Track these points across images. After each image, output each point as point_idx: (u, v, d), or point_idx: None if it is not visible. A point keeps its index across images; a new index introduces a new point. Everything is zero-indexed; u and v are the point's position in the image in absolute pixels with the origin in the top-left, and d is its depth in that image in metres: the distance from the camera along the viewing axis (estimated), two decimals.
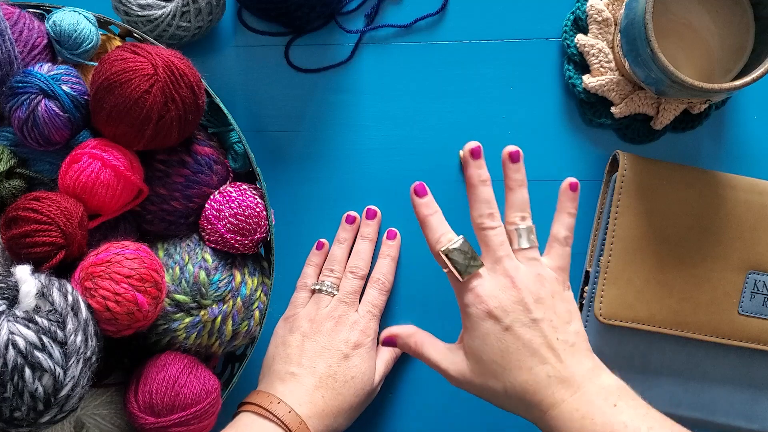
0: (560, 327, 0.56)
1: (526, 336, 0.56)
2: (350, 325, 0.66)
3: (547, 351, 0.55)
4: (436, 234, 0.59)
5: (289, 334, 0.67)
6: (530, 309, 0.56)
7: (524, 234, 0.59)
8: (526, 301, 0.56)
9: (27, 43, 0.58)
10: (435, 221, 0.60)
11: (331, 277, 0.69)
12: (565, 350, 0.56)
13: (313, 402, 0.62)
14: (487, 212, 0.59)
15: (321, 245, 0.72)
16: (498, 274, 0.57)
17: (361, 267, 0.70)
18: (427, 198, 0.60)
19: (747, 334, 0.67)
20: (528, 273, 0.58)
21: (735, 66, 0.65)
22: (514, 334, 0.56)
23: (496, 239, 0.58)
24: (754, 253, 0.67)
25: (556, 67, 0.72)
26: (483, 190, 0.59)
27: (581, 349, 0.57)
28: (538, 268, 0.58)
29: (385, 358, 0.69)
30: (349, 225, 0.71)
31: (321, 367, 0.64)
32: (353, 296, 0.68)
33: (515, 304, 0.56)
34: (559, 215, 0.61)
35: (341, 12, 0.73)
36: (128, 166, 0.56)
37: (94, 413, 0.59)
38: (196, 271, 0.59)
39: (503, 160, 0.60)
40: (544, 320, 0.56)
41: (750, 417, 0.69)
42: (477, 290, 0.57)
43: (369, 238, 0.71)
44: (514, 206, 0.59)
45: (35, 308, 0.50)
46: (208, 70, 0.71)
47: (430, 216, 0.60)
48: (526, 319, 0.56)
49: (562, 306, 0.58)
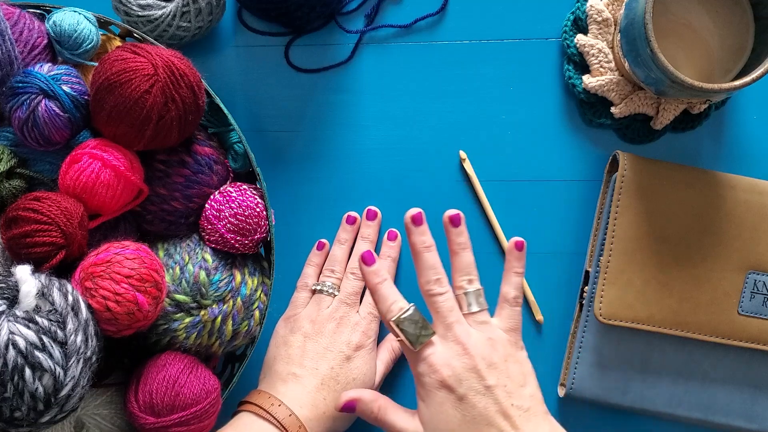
0: (515, 391, 0.55)
1: (480, 404, 0.54)
2: (352, 327, 0.66)
3: (502, 419, 0.54)
4: (387, 303, 0.58)
5: (291, 334, 0.66)
6: (483, 376, 0.55)
7: (473, 297, 0.58)
8: (479, 367, 0.55)
9: (27, 43, 0.58)
10: (385, 290, 0.58)
11: (331, 278, 0.69)
12: (520, 416, 0.55)
13: (314, 404, 0.62)
14: (434, 278, 0.58)
15: (322, 245, 0.72)
16: (449, 341, 0.56)
17: None
18: (375, 266, 0.59)
19: (747, 334, 0.67)
20: (479, 338, 0.56)
21: (735, 66, 0.65)
22: (469, 403, 0.55)
23: (445, 305, 0.57)
24: (754, 253, 0.67)
25: (556, 67, 0.72)
26: (428, 257, 0.58)
27: (537, 413, 0.56)
28: (488, 332, 0.57)
29: (385, 360, 0.69)
30: (350, 225, 0.71)
31: (323, 369, 0.64)
32: (354, 297, 0.68)
33: (468, 372, 0.55)
34: (507, 275, 0.60)
35: (341, 12, 0.73)
36: (128, 166, 0.56)
37: (94, 413, 0.59)
38: (196, 271, 0.59)
39: (444, 225, 0.59)
40: (498, 386, 0.55)
41: (750, 417, 0.69)
42: (430, 359, 0.56)
43: (369, 239, 0.71)
44: (460, 270, 0.58)
45: (35, 308, 0.50)
46: (208, 70, 0.71)
47: (379, 284, 0.58)
48: (480, 386, 0.55)
49: (516, 368, 0.57)
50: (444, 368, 0.55)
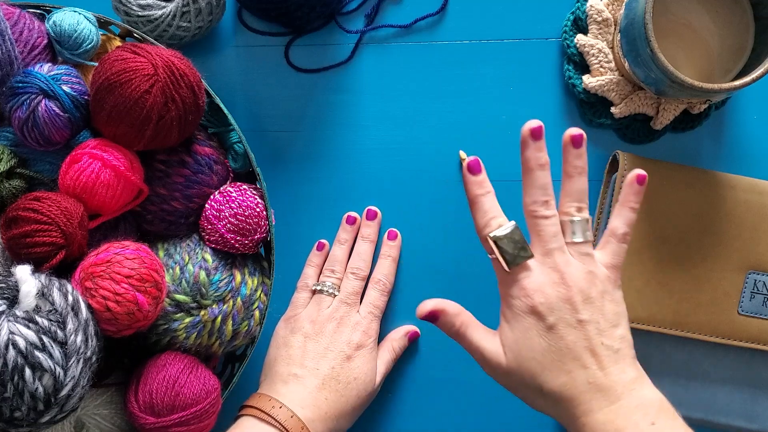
0: (606, 331, 0.53)
1: (569, 337, 0.53)
2: (352, 326, 0.66)
3: (589, 356, 0.52)
4: (486, 217, 0.55)
5: (291, 335, 0.66)
6: (577, 309, 0.53)
7: (579, 227, 0.55)
8: (575, 299, 0.53)
9: (27, 43, 0.58)
10: (487, 203, 0.55)
11: (332, 278, 0.69)
12: (608, 356, 0.53)
13: (316, 404, 0.61)
14: (542, 199, 0.54)
15: (321, 246, 0.72)
16: (547, 268, 0.54)
17: (362, 268, 0.69)
18: (480, 176, 0.56)
19: (747, 334, 0.67)
20: (579, 269, 0.54)
21: (735, 66, 0.65)
22: (558, 334, 0.53)
23: (549, 230, 0.54)
24: (754, 253, 0.67)
25: (556, 67, 0.72)
26: (540, 175, 0.54)
27: (625, 357, 0.53)
28: (590, 265, 0.54)
29: (386, 359, 0.69)
30: (350, 226, 0.71)
31: (324, 369, 0.64)
32: (354, 297, 0.68)
33: (562, 302, 0.53)
34: (620, 209, 0.56)
35: (341, 12, 0.73)
36: (128, 166, 0.56)
37: (94, 413, 0.59)
38: (196, 271, 0.59)
39: (564, 144, 0.55)
40: (591, 322, 0.53)
41: (750, 417, 0.69)
42: (523, 282, 0.54)
43: (369, 239, 0.71)
44: (571, 195, 0.55)
45: (35, 308, 0.50)
46: (208, 70, 0.71)
47: (481, 196, 0.56)
48: (572, 319, 0.53)
49: (611, 307, 0.54)
50: (537, 294, 0.53)
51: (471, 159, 0.56)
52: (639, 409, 0.51)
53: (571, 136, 0.55)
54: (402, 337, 0.70)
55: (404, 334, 0.71)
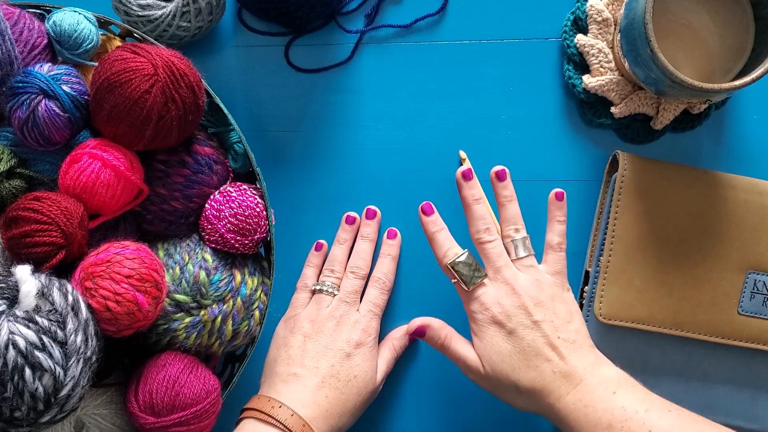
0: (561, 326, 0.61)
1: (528, 337, 0.60)
2: (352, 325, 0.66)
3: (549, 350, 0.60)
4: (443, 249, 0.64)
5: (291, 335, 0.66)
6: (531, 312, 0.61)
7: (520, 244, 0.64)
8: (527, 305, 0.61)
9: (27, 43, 0.58)
10: (442, 237, 0.65)
11: (331, 278, 0.69)
12: (566, 347, 0.60)
13: (317, 403, 0.61)
14: (483, 228, 0.64)
15: (320, 246, 0.72)
16: (499, 283, 0.62)
17: (361, 267, 0.70)
18: (433, 216, 0.65)
19: (747, 334, 0.67)
20: (527, 279, 0.62)
21: (735, 66, 0.65)
22: (518, 336, 0.60)
23: (494, 251, 0.63)
24: (754, 253, 0.67)
25: (556, 67, 0.72)
26: (477, 209, 0.64)
27: (583, 346, 0.61)
28: (536, 274, 0.63)
29: (387, 358, 0.69)
30: (349, 225, 0.71)
31: (324, 367, 0.64)
32: (354, 296, 0.68)
33: (517, 309, 0.61)
34: (550, 224, 0.65)
35: (341, 12, 0.73)
36: (128, 166, 0.56)
37: (94, 413, 0.59)
38: (196, 271, 0.59)
39: (491, 180, 0.65)
40: (545, 321, 0.61)
41: (750, 417, 0.69)
42: (481, 298, 0.62)
43: (369, 238, 0.71)
44: (507, 220, 0.64)
45: (35, 308, 0.50)
46: (208, 70, 0.71)
47: (437, 233, 0.65)
48: (528, 321, 0.60)
49: (562, 307, 0.62)
50: (494, 306, 0.61)
51: (424, 203, 0.66)
52: (600, 384, 0.58)
53: (495, 172, 0.65)
54: (403, 336, 0.70)
55: (404, 333, 0.71)
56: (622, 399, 0.57)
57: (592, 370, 0.59)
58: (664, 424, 0.55)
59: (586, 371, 0.59)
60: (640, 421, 0.55)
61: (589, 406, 0.57)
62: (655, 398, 0.58)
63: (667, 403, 0.58)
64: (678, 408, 0.58)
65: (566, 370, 0.59)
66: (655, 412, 0.56)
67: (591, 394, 0.58)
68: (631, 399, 0.57)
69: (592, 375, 0.59)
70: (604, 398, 0.57)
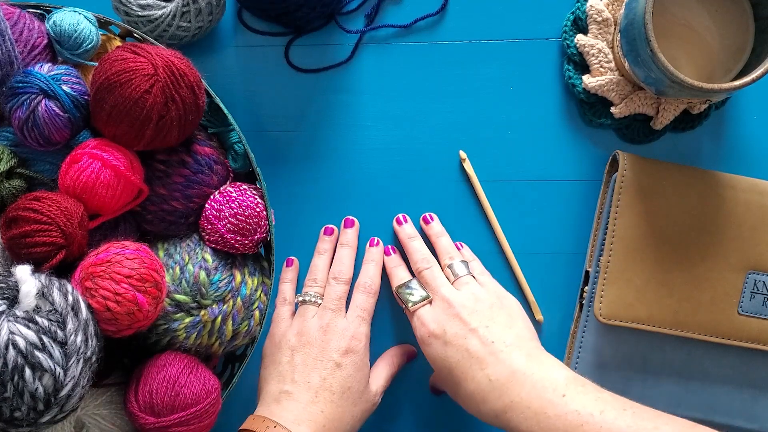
0: (498, 331, 0.61)
1: (463, 345, 0.61)
2: (340, 332, 0.64)
3: (486, 354, 0.59)
4: (396, 279, 0.69)
5: (278, 351, 0.65)
6: (466, 321, 0.62)
7: (456, 267, 0.67)
8: (462, 314, 0.62)
9: (27, 43, 0.58)
10: (397, 271, 0.69)
11: (314, 287, 0.68)
12: (502, 351, 0.59)
13: (312, 419, 0.60)
14: (420, 258, 0.68)
15: (290, 262, 0.72)
16: (438, 301, 0.65)
17: (343, 271, 0.68)
18: (393, 256, 0.70)
19: (747, 334, 0.67)
20: (463, 294, 0.65)
21: (735, 66, 0.65)
22: (454, 345, 0.61)
23: (431, 275, 0.67)
24: (754, 253, 0.67)
25: (556, 67, 0.72)
26: (413, 243, 0.70)
27: (523, 347, 0.59)
28: (472, 289, 0.65)
29: (385, 374, 0.68)
30: (328, 236, 0.71)
31: (315, 381, 0.62)
32: (338, 302, 0.66)
33: (452, 320, 0.62)
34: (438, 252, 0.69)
35: (341, 12, 0.73)
36: (128, 166, 0.56)
37: (94, 413, 0.59)
38: (197, 271, 0.59)
39: (421, 225, 0.71)
40: (480, 327, 0.61)
41: (750, 417, 0.69)
42: (421, 317, 0.65)
43: (349, 245, 0.70)
44: (442, 253, 0.69)
45: (35, 308, 0.50)
46: (208, 70, 0.71)
47: (394, 268, 0.70)
48: (463, 330, 0.61)
49: (502, 313, 0.63)
50: (431, 322, 0.64)
51: (385, 248, 0.71)
52: (547, 389, 0.56)
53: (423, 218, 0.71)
54: (402, 353, 0.70)
55: (404, 352, 0.70)
56: (573, 402, 0.55)
57: (534, 371, 0.57)
58: (621, 424, 0.53)
59: (527, 374, 0.57)
60: (597, 425, 0.53)
61: (539, 414, 0.55)
62: (608, 396, 0.56)
63: (621, 400, 0.55)
64: (633, 405, 0.55)
65: (505, 375, 0.57)
66: (611, 413, 0.54)
67: (539, 399, 0.55)
68: (584, 401, 0.55)
69: (534, 378, 0.57)
70: (553, 403, 0.55)
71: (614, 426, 0.53)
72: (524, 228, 0.72)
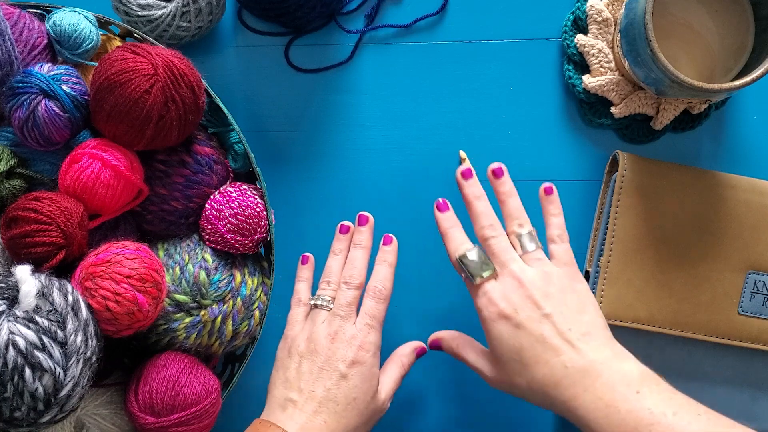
0: (572, 317, 0.58)
1: (537, 330, 0.58)
2: (347, 342, 0.62)
3: (561, 342, 0.57)
4: (455, 244, 0.63)
5: (288, 356, 0.63)
6: (539, 305, 0.58)
7: (526, 238, 0.62)
8: (535, 297, 0.59)
9: (27, 43, 0.58)
10: (454, 233, 0.64)
11: (328, 291, 0.65)
12: (579, 339, 0.57)
13: (315, 429, 0.59)
14: (487, 224, 0.62)
15: (306, 259, 0.69)
16: (506, 277, 0.60)
17: (354, 276, 0.65)
18: (448, 213, 0.65)
19: (747, 334, 0.67)
20: (535, 272, 0.60)
21: (735, 66, 0.65)
22: (526, 330, 0.58)
23: (499, 246, 0.61)
24: (754, 253, 0.67)
25: (556, 67, 0.72)
26: (479, 205, 0.63)
27: (598, 337, 0.58)
28: (544, 267, 0.61)
29: (395, 376, 0.66)
30: (344, 235, 0.67)
31: (320, 391, 0.60)
32: (347, 308, 0.64)
33: (525, 301, 0.59)
34: (546, 219, 0.64)
35: (341, 12, 0.73)
36: (128, 166, 0.56)
37: (94, 413, 0.59)
38: (196, 271, 0.59)
39: (489, 178, 0.64)
40: (554, 313, 0.58)
41: (750, 417, 0.69)
42: (489, 294, 0.60)
43: (362, 246, 0.66)
44: (510, 216, 0.63)
45: (35, 308, 0.50)
46: (208, 70, 0.71)
47: (449, 229, 0.64)
48: (537, 314, 0.58)
49: (573, 298, 0.59)
50: (501, 301, 0.59)
51: (439, 200, 0.65)
52: (622, 382, 0.54)
53: (492, 170, 0.64)
54: (411, 352, 0.67)
55: (413, 349, 0.67)
56: (647, 399, 0.53)
57: (610, 364, 0.55)
58: (694, 429, 0.51)
59: (604, 366, 0.55)
60: (668, 426, 0.51)
61: (610, 407, 0.53)
62: (682, 399, 0.54)
63: (695, 404, 0.54)
64: (707, 410, 0.53)
65: (581, 365, 0.56)
66: (685, 416, 0.52)
67: (613, 392, 0.54)
68: (657, 400, 0.53)
69: (611, 370, 0.55)
70: (627, 398, 0.53)
71: (686, 430, 0.51)
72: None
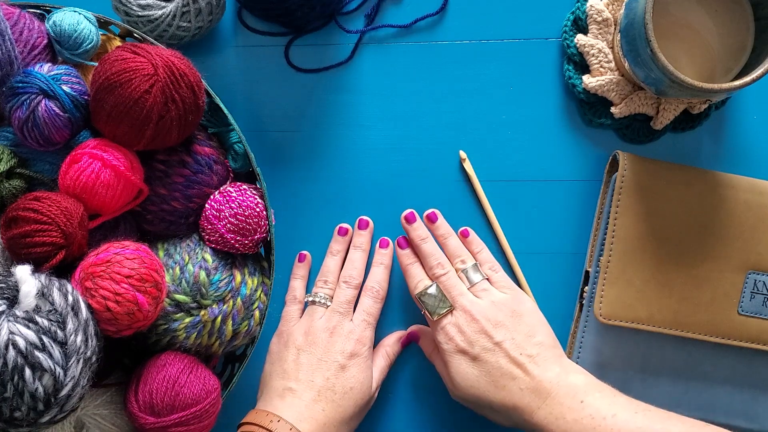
0: (523, 342, 0.63)
1: (492, 359, 0.63)
2: (345, 335, 0.66)
3: (514, 368, 0.62)
4: (414, 281, 0.67)
5: (285, 349, 0.66)
6: (491, 334, 0.63)
7: (470, 272, 0.67)
8: (486, 328, 0.64)
9: (27, 43, 0.58)
10: (413, 270, 0.68)
11: (324, 289, 0.69)
12: (529, 363, 0.62)
13: (313, 417, 0.61)
14: (435, 263, 0.67)
15: (303, 257, 0.72)
16: (459, 311, 0.65)
17: (354, 276, 0.69)
18: (407, 249, 0.69)
19: (747, 334, 0.67)
20: (483, 304, 0.65)
21: (735, 66, 0.65)
22: (483, 360, 0.63)
23: (449, 282, 0.66)
24: (754, 253, 0.67)
25: (556, 67, 0.72)
26: (426, 246, 0.68)
27: (547, 358, 0.63)
28: (491, 297, 0.65)
29: (381, 366, 0.69)
30: (342, 237, 0.71)
31: (319, 380, 0.63)
32: (346, 306, 0.68)
33: (478, 334, 0.64)
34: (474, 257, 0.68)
35: (341, 12, 0.73)
36: (128, 166, 0.56)
37: (94, 413, 0.59)
38: (196, 271, 0.59)
39: (426, 224, 0.69)
40: (506, 340, 0.63)
41: (750, 417, 0.69)
42: (446, 329, 0.65)
43: (362, 248, 0.71)
44: (452, 255, 0.68)
45: (35, 308, 0.50)
46: (208, 70, 0.71)
47: (409, 266, 0.68)
48: (490, 344, 0.63)
49: (521, 322, 0.64)
50: (457, 335, 0.64)
51: (400, 238, 0.70)
52: (568, 395, 0.60)
53: (426, 216, 0.69)
54: (395, 342, 0.70)
55: (397, 339, 0.71)
56: (589, 407, 0.59)
57: (558, 381, 0.61)
58: (632, 426, 0.57)
59: (552, 383, 0.61)
60: (609, 428, 0.57)
61: (560, 419, 0.59)
62: (623, 400, 0.59)
63: (634, 404, 0.59)
64: (645, 407, 0.59)
65: (533, 386, 0.61)
66: (623, 415, 0.58)
67: (560, 405, 0.60)
68: (599, 405, 0.59)
69: (558, 386, 0.61)
70: (572, 408, 0.59)
71: (625, 428, 0.57)
72: (524, 228, 0.72)
